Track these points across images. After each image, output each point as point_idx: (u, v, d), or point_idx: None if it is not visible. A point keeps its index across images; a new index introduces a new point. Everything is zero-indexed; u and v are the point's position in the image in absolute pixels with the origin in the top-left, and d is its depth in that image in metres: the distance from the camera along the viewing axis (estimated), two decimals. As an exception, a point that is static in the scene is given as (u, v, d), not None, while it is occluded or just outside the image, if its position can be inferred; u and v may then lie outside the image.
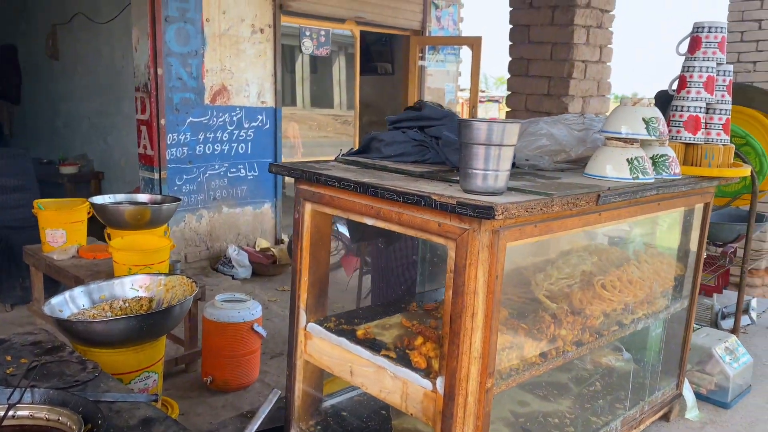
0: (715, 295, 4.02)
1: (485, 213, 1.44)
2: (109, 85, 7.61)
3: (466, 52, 8.38)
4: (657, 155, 2.03)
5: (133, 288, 3.77)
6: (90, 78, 7.88)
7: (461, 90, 9.30)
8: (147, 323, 3.29)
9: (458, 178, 1.80)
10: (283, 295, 6.41)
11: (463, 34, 8.41)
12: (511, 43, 4.50)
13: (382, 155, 2.02)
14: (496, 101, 16.90)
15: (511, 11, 4.47)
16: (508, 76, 4.54)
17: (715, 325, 3.67)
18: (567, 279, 2.17)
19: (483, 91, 13.01)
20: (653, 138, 1.91)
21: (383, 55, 9.12)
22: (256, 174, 7.09)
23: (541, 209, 1.55)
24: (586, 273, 2.20)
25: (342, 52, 10.87)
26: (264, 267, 6.90)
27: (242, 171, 6.97)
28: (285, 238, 7.47)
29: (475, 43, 7.56)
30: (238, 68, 6.73)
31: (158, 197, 5.23)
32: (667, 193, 2.02)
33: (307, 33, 7.31)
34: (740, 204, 3.93)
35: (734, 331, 3.58)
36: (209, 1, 6.40)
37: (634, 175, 1.87)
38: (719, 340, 2.98)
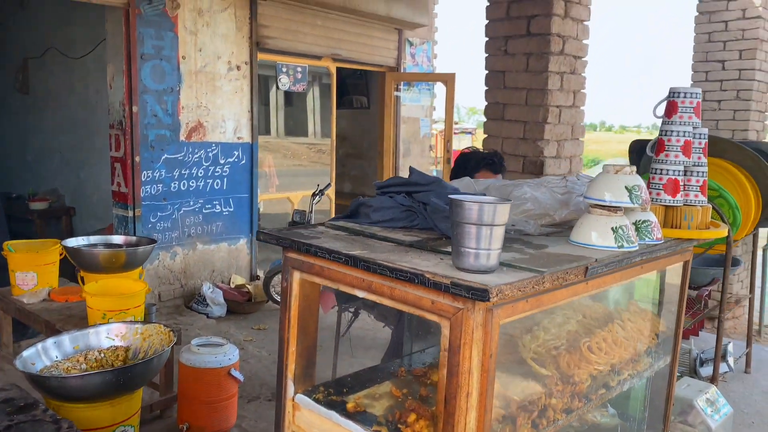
0: (692, 337, 4.08)
1: (480, 295, 1.45)
2: (81, 120, 7.54)
3: (440, 87, 8.48)
4: (639, 221, 2.06)
5: (108, 337, 3.70)
6: (62, 113, 7.80)
7: (435, 122, 9.39)
8: (124, 377, 3.22)
9: (449, 249, 1.80)
10: (259, 334, 6.34)
11: (437, 70, 8.52)
12: (486, 88, 4.56)
13: (370, 221, 2.02)
14: (469, 133, 17.03)
15: (486, 57, 4.54)
16: (484, 119, 4.60)
17: (694, 371, 3.72)
18: (554, 340, 2.18)
19: (456, 123, 13.15)
20: (636, 205, 1.94)
21: (359, 89, 9.18)
22: (232, 210, 7.05)
23: (534, 287, 1.57)
24: (571, 333, 2.21)
25: (316, 83, 10.92)
26: (239, 305, 6.83)
27: (217, 207, 6.93)
28: (260, 274, 7.41)
29: (449, 80, 7.65)
30: (214, 105, 6.72)
31: (133, 239, 5.16)
32: (651, 257, 2.06)
33: (284, 69, 7.33)
34: (713, 252, 4.01)
35: (713, 379, 3.63)
36: (185, 39, 6.40)
37: (619, 244, 1.90)
38: (700, 392, 3.02)
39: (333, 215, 8.03)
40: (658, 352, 2.41)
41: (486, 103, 4.57)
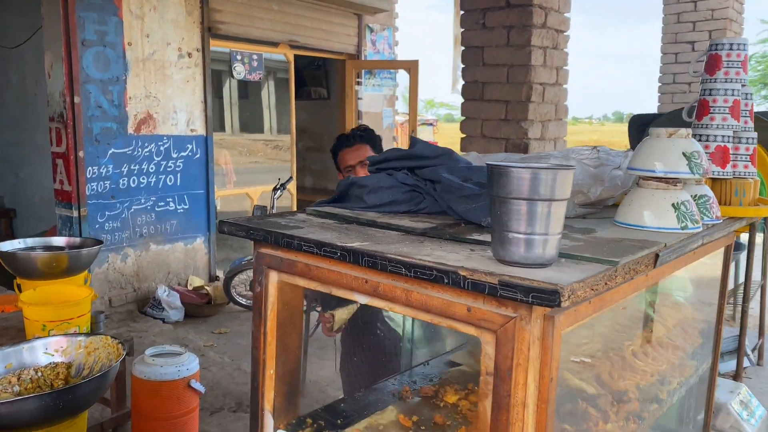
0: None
1: (546, 299, 1.00)
2: (20, 115, 6.82)
3: (401, 75, 8.03)
4: (696, 196, 1.64)
5: (46, 353, 3.12)
6: (-2, 108, 7.07)
7: (397, 114, 8.92)
8: (64, 400, 2.66)
9: (475, 237, 1.34)
10: (220, 339, 5.80)
11: (399, 58, 8.05)
12: (463, 66, 4.12)
13: (365, 205, 1.54)
14: (430, 124, 16.57)
15: (463, 32, 4.09)
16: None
17: (709, 367, 3.35)
18: (587, 343, 1.75)
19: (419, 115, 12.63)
20: (696, 177, 1.52)
21: (317, 79, 8.65)
22: (187, 207, 6.46)
23: (606, 283, 1.12)
24: (605, 336, 1.79)
25: (272, 76, 10.32)
26: (198, 308, 6.26)
27: (171, 204, 6.33)
28: (220, 274, 6.84)
29: (412, 67, 7.20)
30: (164, 95, 6.12)
31: (77, 240, 4.57)
32: (710, 240, 1.64)
33: (239, 57, 6.76)
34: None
35: (737, 376, 3.26)
36: (131, 24, 5.79)
37: (683, 225, 1.47)
38: (731, 393, 2.63)
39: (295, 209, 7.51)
40: (703, 353, 2.00)
41: (463, 83, 4.13)
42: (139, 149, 6.00)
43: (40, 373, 3.07)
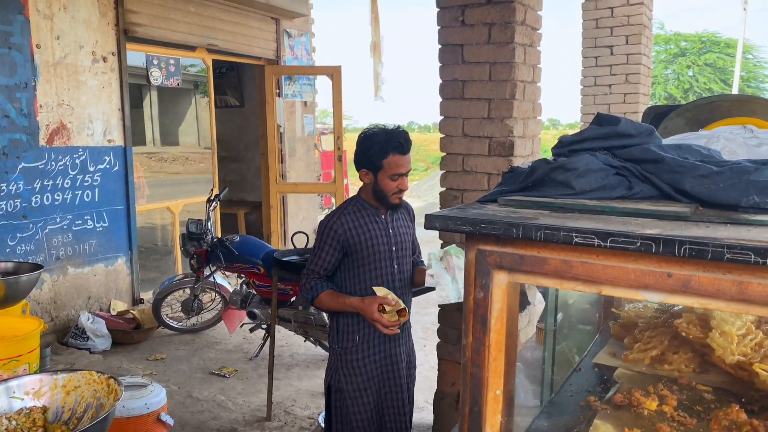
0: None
1: None
2: None
3: (320, 82, 7.72)
4: None
5: (14, 397, 2.57)
6: None
7: (320, 123, 8.59)
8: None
9: (758, 218, 1.15)
10: (159, 366, 5.22)
11: (316, 64, 7.73)
12: (441, 64, 3.93)
13: (572, 191, 1.30)
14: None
15: (440, 29, 3.91)
16: (440, 99, 3.97)
17: None
18: (751, 336, 1.62)
19: (325, 124, 12.26)
20: None
21: (230, 85, 8.12)
22: (106, 224, 5.78)
23: None
24: (759, 323, 1.67)
25: (187, 83, 9.58)
26: (126, 334, 5.61)
27: (89, 222, 5.63)
28: (144, 297, 6.17)
29: (335, 73, 6.93)
30: (78, 102, 5.43)
31: (9, 265, 3.93)
32: None
33: (155, 62, 6.16)
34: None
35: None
36: (39, 24, 5.09)
37: None
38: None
39: (218, 224, 6.95)
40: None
41: (441, 82, 3.94)
42: (53, 163, 5.28)
43: (14, 422, 2.52)
